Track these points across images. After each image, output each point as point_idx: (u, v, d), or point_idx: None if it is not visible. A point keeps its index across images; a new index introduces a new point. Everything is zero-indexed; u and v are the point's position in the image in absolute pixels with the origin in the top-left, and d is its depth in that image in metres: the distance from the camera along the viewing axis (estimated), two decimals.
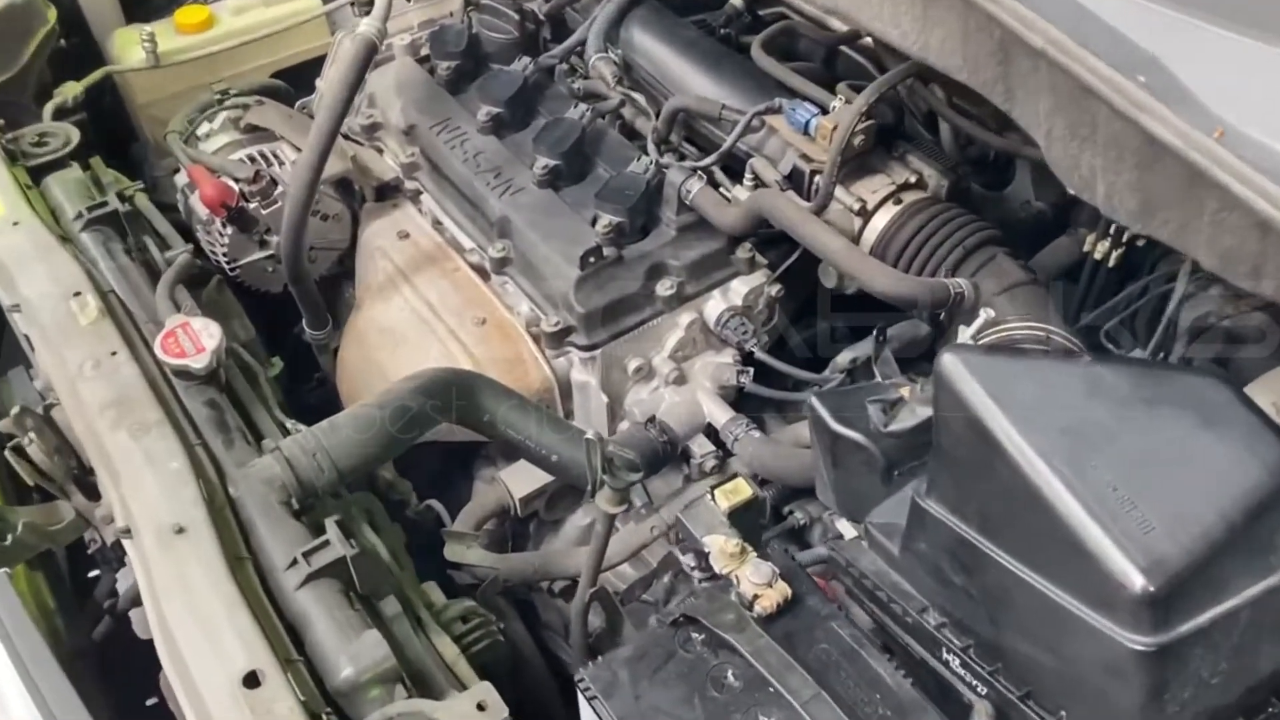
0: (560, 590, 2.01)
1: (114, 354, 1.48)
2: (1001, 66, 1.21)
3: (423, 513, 1.97)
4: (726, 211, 1.82)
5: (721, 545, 1.45)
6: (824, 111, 1.79)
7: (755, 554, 1.46)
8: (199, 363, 1.48)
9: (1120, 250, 1.91)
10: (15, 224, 1.71)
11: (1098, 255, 1.92)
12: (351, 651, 1.22)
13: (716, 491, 1.53)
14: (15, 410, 1.46)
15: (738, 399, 1.95)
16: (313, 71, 2.44)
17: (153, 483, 1.34)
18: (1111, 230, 1.88)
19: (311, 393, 2.40)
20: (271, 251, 2.13)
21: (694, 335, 1.91)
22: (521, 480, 1.94)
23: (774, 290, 1.93)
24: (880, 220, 1.77)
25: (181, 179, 2.17)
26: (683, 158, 2.00)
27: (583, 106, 2.02)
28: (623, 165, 1.97)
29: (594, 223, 1.90)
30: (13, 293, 1.60)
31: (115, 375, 1.45)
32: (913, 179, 1.80)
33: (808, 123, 1.77)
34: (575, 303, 1.81)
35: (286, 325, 2.29)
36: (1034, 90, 1.20)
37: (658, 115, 2.00)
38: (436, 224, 2.12)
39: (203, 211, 2.09)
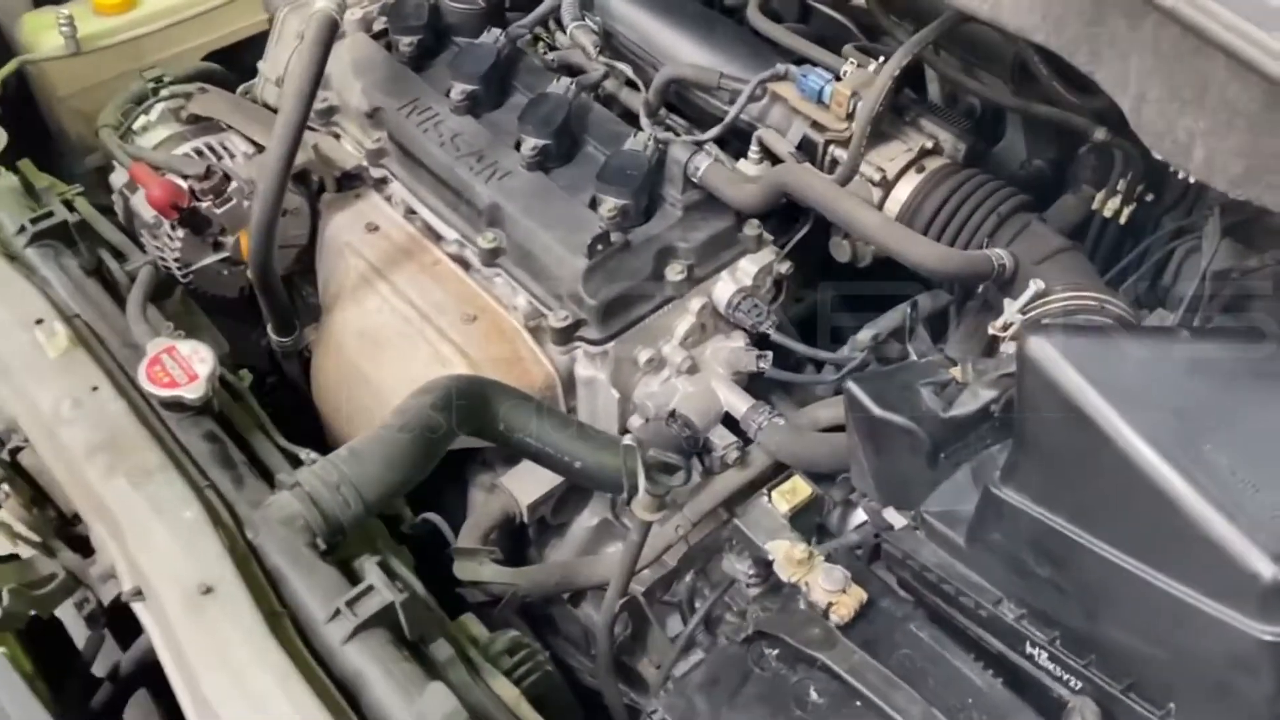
0: (568, 598, 1.89)
1: (95, 389, 1.30)
2: (1091, 26, 1.13)
3: (418, 527, 1.83)
4: (742, 188, 1.70)
5: (787, 551, 1.36)
6: (836, 77, 1.68)
7: (822, 558, 1.37)
8: (193, 392, 1.31)
9: (1131, 207, 1.86)
10: None
11: (1107, 213, 1.87)
12: (418, 710, 1.10)
13: (774, 492, 1.43)
14: None
15: (749, 383, 1.85)
16: (248, 53, 2.23)
17: (165, 536, 1.17)
18: (1121, 186, 1.83)
19: (269, 397, 2.23)
20: (227, 254, 1.95)
21: (704, 320, 1.80)
22: (527, 485, 1.82)
23: (784, 268, 1.83)
24: (903, 190, 1.68)
25: (119, 178, 1.96)
26: (671, 131, 1.88)
27: (565, 80, 1.87)
28: (613, 142, 1.84)
29: (593, 205, 1.77)
30: None
31: (101, 413, 1.27)
32: (929, 144, 1.71)
33: (821, 89, 1.67)
34: (585, 294, 1.68)
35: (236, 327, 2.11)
36: (1128, 51, 1.12)
37: (647, 87, 1.87)
38: (409, 213, 1.96)
39: (148, 214, 1.89)
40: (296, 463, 1.37)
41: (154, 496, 1.20)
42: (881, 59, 1.69)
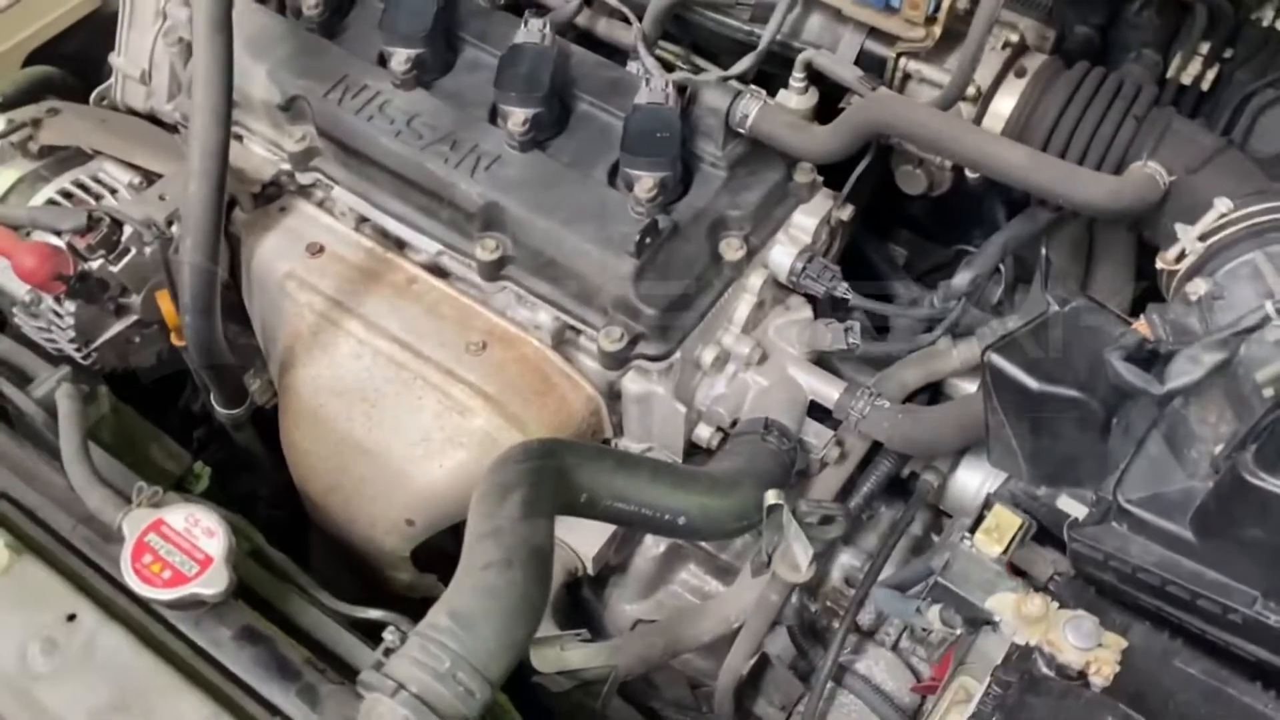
0: None
1: (71, 618, 0.89)
2: None
3: None
4: (811, 134, 1.35)
5: (1017, 607, 1.07)
6: None
7: (1058, 605, 1.08)
8: (212, 585, 0.92)
9: (1214, 69, 1.59)
10: None
11: (1186, 80, 1.60)
12: None
13: (979, 535, 1.13)
14: None
15: (820, 359, 1.53)
16: (79, 42, 1.72)
17: None
18: (1204, 49, 1.56)
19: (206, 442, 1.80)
20: (136, 316, 1.50)
21: (763, 296, 1.47)
22: (586, 535, 1.49)
23: (845, 214, 1.50)
24: (1004, 103, 1.35)
25: None
26: (672, 69, 1.51)
27: (535, 23, 1.46)
28: (612, 94, 1.46)
29: (612, 180, 1.39)
30: None
31: (91, 654, 0.87)
32: (1014, 37, 1.38)
33: None
34: (639, 302, 1.32)
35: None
36: None
37: (637, 14, 1.48)
38: (361, 222, 1.54)
39: (20, 290, 1.42)
40: (375, 636, 0.99)
41: None
42: None
